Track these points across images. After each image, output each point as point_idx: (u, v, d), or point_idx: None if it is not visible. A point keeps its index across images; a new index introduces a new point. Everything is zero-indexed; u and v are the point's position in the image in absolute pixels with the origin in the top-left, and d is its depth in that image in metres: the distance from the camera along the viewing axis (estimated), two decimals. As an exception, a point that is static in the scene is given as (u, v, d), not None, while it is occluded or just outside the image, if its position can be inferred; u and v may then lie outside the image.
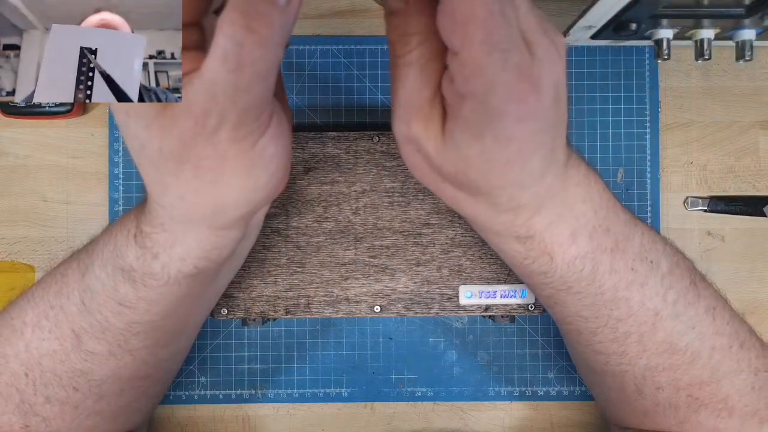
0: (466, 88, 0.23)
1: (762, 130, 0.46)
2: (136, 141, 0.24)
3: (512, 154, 0.24)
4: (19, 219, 0.45)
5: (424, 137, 0.25)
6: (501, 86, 0.22)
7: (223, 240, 0.28)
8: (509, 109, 0.23)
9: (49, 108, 0.44)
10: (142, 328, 0.31)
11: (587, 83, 0.46)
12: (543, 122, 0.24)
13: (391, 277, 0.38)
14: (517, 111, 0.23)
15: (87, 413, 0.34)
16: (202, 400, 0.45)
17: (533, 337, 0.45)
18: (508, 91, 0.22)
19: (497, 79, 0.22)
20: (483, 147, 0.24)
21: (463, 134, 0.24)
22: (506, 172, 0.25)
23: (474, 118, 0.23)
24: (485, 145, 0.24)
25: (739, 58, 0.38)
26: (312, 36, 0.46)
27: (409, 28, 0.24)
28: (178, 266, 0.28)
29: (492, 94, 0.22)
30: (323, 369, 0.45)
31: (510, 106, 0.23)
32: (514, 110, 0.23)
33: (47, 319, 0.32)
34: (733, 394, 0.32)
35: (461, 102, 0.23)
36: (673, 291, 0.31)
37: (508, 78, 0.22)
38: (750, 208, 0.45)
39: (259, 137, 0.25)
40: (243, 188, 0.26)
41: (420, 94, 0.25)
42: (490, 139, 0.24)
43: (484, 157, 0.24)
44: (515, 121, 0.23)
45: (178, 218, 0.27)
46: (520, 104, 0.23)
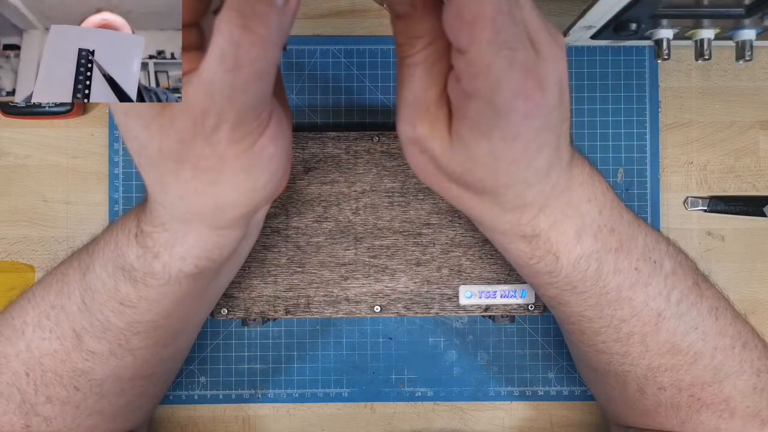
0: (473, 87, 0.23)
1: (762, 130, 0.46)
2: (136, 141, 0.24)
3: (519, 151, 0.24)
4: (19, 219, 0.45)
5: (430, 137, 0.25)
6: (507, 84, 0.22)
7: (224, 239, 0.28)
8: (516, 106, 0.23)
9: (49, 108, 0.44)
10: (143, 328, 0.31)
11: (587, 83, 0.46)
12: (548, 120, 0.24)
13: (391, 277, 0.38)
14: (523, 108, 0.23)
15: (88, 413, 0.34)
16: (202, 400, 0.45)
17: (533, 337, 0.45)
18: (515, 89, 0.22)
19: (504, 77, 0.22)
20: (490, 145, 0.24)
21: (470, 133, 0.24)
22: (513, 170, 0.25)
23: (481, 117, 0.23)
24: (492, 143, 0.24)
25: (739, 58, 0.38)
26: (312, 36, 0.46)
27: (415, 31, 0.24)
28: (179, 266, 0.28)
29: (499, 92, 0.22)
30: (323, 369, 0.45)
31: (516, 104, 0.23)
32: (520, 108, 0.23)
33: (48, 319, 0.32)
34: (736, 395, 0.32)
35: (468, 101, 0.23)
36: (676, 291, 0.31)
37: (514, 76, 0.22)
38: (750, 208, 0.45)
39: (258, 137, 0.25)
40: (243, 188, 0.26)
41: (426, 95, 0.25)
42: (497, 138, 0.24)
43: (491, 155, 0.24)
44: (522, 119, 0.23)
45: (178, 218, 0.27)
46: (527, 102, 0.23)
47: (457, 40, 0.22)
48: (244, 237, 0.30)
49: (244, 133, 0.24)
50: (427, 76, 0.24)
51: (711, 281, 0.34)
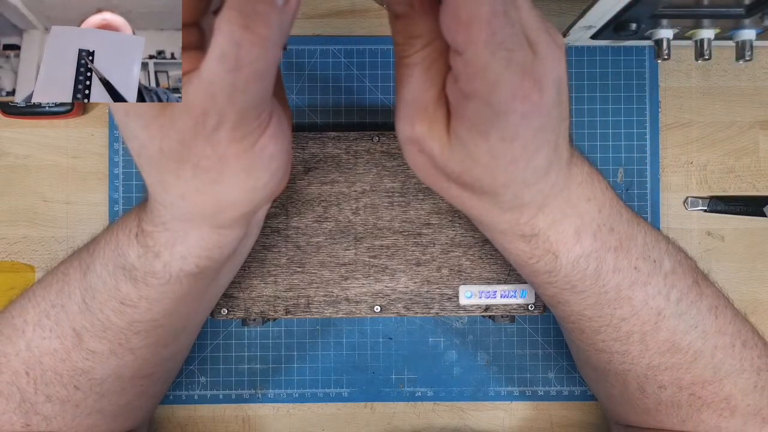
0: (471, 87, 0.23)
1: (762, 130, 0.46)
2: (136, 141, 0.24)
3: (517, 151, 0.24)
4: (19, 219, 0.45)
5: (429, 137, 0.25)
6: (505, 84, 0.22)
7: (225, 239, 0.28)
8: (514, 107, 0.23)
9: (49, 108, 0.44)
10: (143, 327, 0.31)
11: (587, 83, 0.46)
12: (546, 119, 0.24)
13: (391, 277, 0.38)
14: (521, 108, 0.23)
15: (88, 412, 0.34)
16: (202, 400, 0.45)
17: (533, 337, 0.45)
18: (513, 89, 0.22)
19: (501, 78, 0.22)
20: (489, 145, 0.24)
21: (468, 133, 0.24)
22: (511, 170, 0.25)
23: (479, 117, 0.23)
24: (491, 143, 0.24)
25: (739, 58, 0.38)
26: (312, 36, 0.46)
27: (414, 31, 0.24)
28: (180, 265, 0.28)
29: (496, 93, 0.22)
30: (323, 369, 0.45)
31: (514, 104, 0.23)
32: (518, 108, 0.23)
33: (48, 318, 0.32)
34: (736, 393, 0.32)
35: (466, 101, 0.23)
36: (675, 290, 0.31)
37: (512, 77, 0.22)
38: (750, 208, 0.45)
39: (258, 137, 0.25)
40: (243, 188, 0.26)
41: (425, 95, 0.25)
42: (495, 138, 0.24)
43: (489, 155, 0.24)
44: (520, 119, 0.23)
45: (179, 217, 0.27)
46: (524, 102, 0.23)
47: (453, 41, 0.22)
48: (245, 236, 0.30)
49: (245, 132, 0.24)
50: (426, 76, 0.25)
51: (710, 280, 0.34)
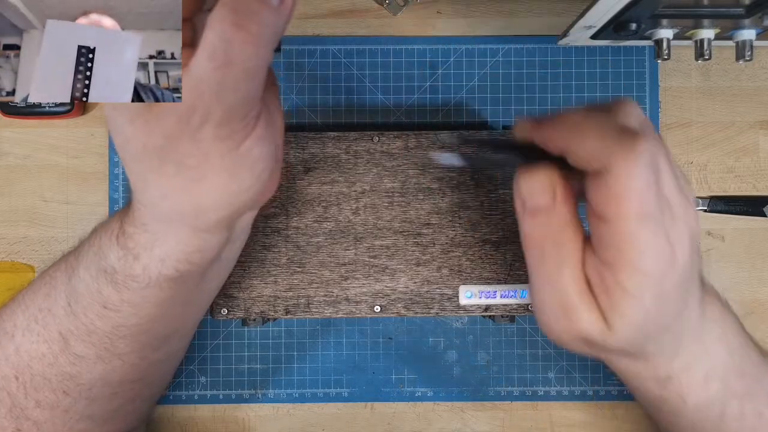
0: (617, 257, 0.24)
1: (762, 130, 0.46)
2: (121, 136, 0.24)
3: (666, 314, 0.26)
4: (19, 219, 0.45)
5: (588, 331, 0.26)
6: (652, 251, 0.23)
7: (206, 243, 0.28)
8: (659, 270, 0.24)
9: (49, 108, 0.44)
10: (128, 332, 0.31)
11: (587, 83, 0.46)
12: (689, 273, 0.25)
13: (391, 277, 0.38)
14: (669, 273, 0.24)
15: (78, 417, 0.33)
16: (202, 400, 0.45)
17: (533, 337, 0.45)
18: (658, 255, 0.23)
19: (649, 246, 0.23)
20: (644, 309, 0.25)
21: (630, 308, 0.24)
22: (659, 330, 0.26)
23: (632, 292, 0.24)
24: (648, 314, 0.25)
25: (739, 58, 0.38)
26: (312, 36, 0.46)
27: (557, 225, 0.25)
28: (159, 268, 0.28)
29: (643, 260, 0.23)
30: (323, 369, 0.45)
31: (659, 267, 0.24)
32: (667, 272, 0.24)
33: (37, 322, 0.31)
34: None
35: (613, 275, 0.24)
36: None
37: (658, 241, 0.23)
38: (750, 208, 0.45)
39: (244, 138, 0.24)
40: (226, 189, 0.25)
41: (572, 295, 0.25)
42: (650, 305, 0.24)
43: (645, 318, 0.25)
44: (665, 280, 0.24)
45: (159, 218, 0.27)
46: (671, 267, 0.24)
47: (603, 213, 0.23)
48: (228, 242, 0.29)
49: (230, 131, 0.24)
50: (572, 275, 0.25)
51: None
